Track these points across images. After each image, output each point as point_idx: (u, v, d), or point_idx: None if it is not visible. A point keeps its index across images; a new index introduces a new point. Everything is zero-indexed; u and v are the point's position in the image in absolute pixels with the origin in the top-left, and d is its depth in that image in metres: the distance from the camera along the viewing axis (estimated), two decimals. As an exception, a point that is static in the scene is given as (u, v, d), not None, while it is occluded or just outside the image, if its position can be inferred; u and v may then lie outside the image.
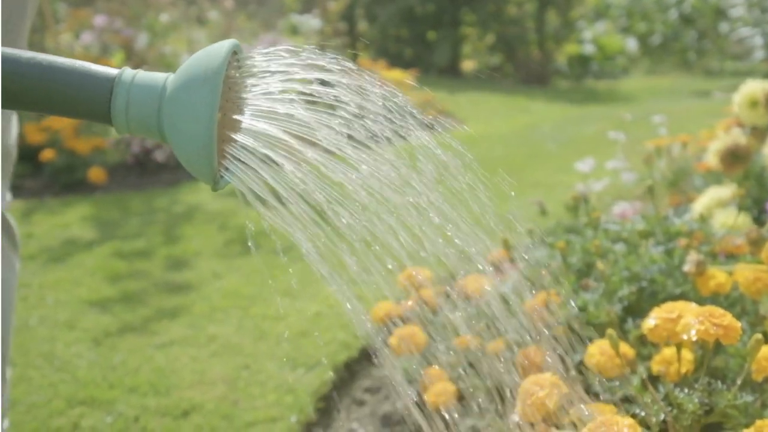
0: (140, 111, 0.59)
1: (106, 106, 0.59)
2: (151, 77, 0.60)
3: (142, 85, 0.59)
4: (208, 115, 0.58)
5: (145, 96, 0.59)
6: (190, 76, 0.58)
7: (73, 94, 0.59)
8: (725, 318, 0.83)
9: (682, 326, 0.86)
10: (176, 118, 0.58)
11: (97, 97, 0.59)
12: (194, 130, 0.58)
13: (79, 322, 2.02)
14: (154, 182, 3.78)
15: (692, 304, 0.90)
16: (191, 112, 0.58)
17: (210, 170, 0.60)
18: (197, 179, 0.62)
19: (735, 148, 1.90)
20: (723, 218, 1.70)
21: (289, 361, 1.80)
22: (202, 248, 2.67)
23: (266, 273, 2.40)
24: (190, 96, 0.58)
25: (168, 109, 0.59)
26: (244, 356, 1.82)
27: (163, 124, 0.59)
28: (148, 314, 2.07)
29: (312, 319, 2.03)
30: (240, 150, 0.62)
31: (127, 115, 0.59)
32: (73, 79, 0.59)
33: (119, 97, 0.59)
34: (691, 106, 5.99)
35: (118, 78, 0.59)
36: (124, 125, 0.60)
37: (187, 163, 0.60)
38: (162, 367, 1.75)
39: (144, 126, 0.60)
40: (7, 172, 1.09)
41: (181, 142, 0.59)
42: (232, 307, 2.12)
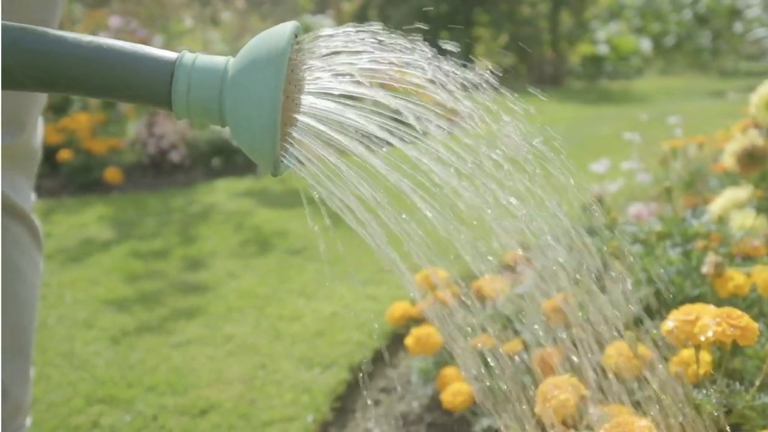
0: (201, 94, 0.59)
1: (167, 90, 0.59)
2: (211, 60, 0.60)
3: (203, 68, 0.59)
4: (272, 96, 0.57)
5: (207, 79, 0.59)
6: (254, 58, 0.58)
7: (134, 77, 0.59)
8: (742, 319, 0.84)
9: (700, 327, 0.86)
10: (239, 101, 0.58)
11: (158, 80, 0.59)
12: (258, 112, 0.57)
13: (97, 321, 2.04)
14: (169, 183, 3.81)
15: (710, 306, 0.90)
16: (255, 94, 0.57)
17: (272, 154, 0.59)
18: (248, 169, 0.61)
19: (752, 149, 1.89)
20: (740, 220, 1.70)
21: (305, 360, 1.81)
22: (218, 248, 2.68)
23: (281, 273, 2.41)
24: (253, 78, 0.57)
25: (230, 92, 0.58)
26: (260, 356, 1.83)
27: (224, 108, 0.59)
28: (165, 314, 2.09)
29: (328, 320, 2.04)
30: (303, 133, 0.61)
31: (188, 99, 0.59)
32: (134, 63, 0.58)
33: (180, 80, 0.58)
34: (706, 106, 5.96)
35: (178, 61, 0.59)
36: (185, 109, 0.59)
37: (249, 147, 0.59)
38: (179, 366, 1.76)
39: (205, 110, 0.59)
40: (32, 173, 1.11)
41: (243, 125, 0.58)
42: (248, 307, 2.13)
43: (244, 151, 0.60)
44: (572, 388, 0.88)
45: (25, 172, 1.08)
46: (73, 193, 3.58)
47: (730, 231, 1.36)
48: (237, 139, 0.60)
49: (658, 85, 8.09)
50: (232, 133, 0.60)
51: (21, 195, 1.05)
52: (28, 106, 0.99)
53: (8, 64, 0.57)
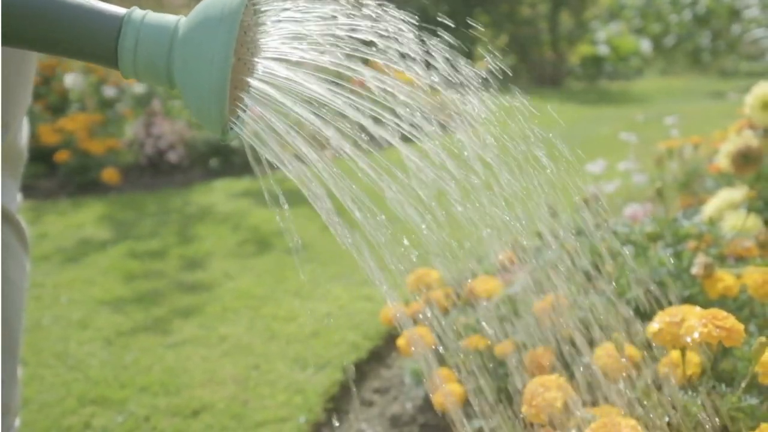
0: (150, 51, 0.56)
1: (113, 46, 0.56)
2: (162, 17, 0.58)
3: (152, 24, 0.57)
4: (222, 55, 0.55)
5: (156, 36, 0.56)
6: (206, 16, 0.56)
7: (79, 30, 0.56)
8: (728, 320, 0.84)
9: (686, 329, 0.86)
10: (188, 59, 0.56)
11: (105, 35, 0.56)
12: (207, 71, 0.55)
13: (92, 321, 2.04)
14: (167, 183, 3.81)
15: (696, 308, 0.90)
16: (205, 52, 0.55)
17: (220, 116, 0.57)
18: (208, 134, 0.58)
19: (746, 150, 1.89)
20: (734, 220, 1.70)
21: (299, 361, 1.81)
22: (215, 249, 2.68)
23: (277, 273, 2.42)
24: (204, 36, 0.55)
25: (180, 51, 0.56)
26: (254, 356, 1.83)
27: (173, 67, 0.56)
28: (161, 314, 2.09)
29: (322, 320, 2.04)
30: (255, 97, 0.59)
31: (134, 56, 0.56)
32: (79, 15, 0.56)
33: (128, 36, 0.56)
34: (706, 107, 5.96)
35: (127, 16, 0.57)
36: (131, 67, 0.57)
37: (197, 108, 0.57)
38: (173, 367, 1.76)
39: (152, 68, 0.57)
40: (18, 174, 1.11)
41: (192, 85, 0.56)
42: (244, 308, 2.13)
43: (192, 113, 0.59)
44: (559, 387, 0.88)
45: (11, 174, 1.08)
46: (70, 194, 3.58)
47: (721, 232, 1.36)
48: (185, 99, 0.58)
49: (657, 85, 8.08)
50: (181, 93, 0.58)
51: (7, 197, 1.06)
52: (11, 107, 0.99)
53: None
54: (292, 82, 0.60)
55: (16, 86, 0.98)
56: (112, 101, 4.24)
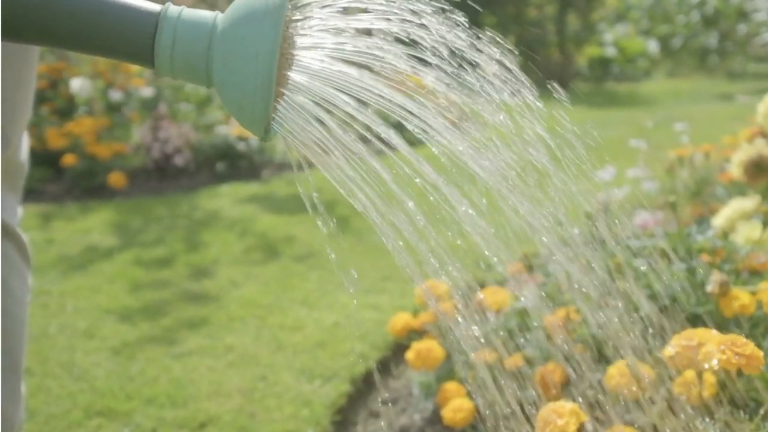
0: (187, 48, 0.54)
1: (150, 43, 0.54)
2: (198, 13, 0.56)
3: (190, 21, 0.55)
4: (269, 51, 0.53)
5: (194, 32, 0.54)
6: (249, 10, 0.54)
7: (114, 28, 0.54)
8: (748, 347, 0.82)
9: (704, 355, 0.84)
10: (231, 56, 0.54)
11: (141, 32, 0.54)
12: (252, 67, 0.53)
13: (98, 330, 2.03)
14: (173, 187, 3.80)
15: (712, 331, 0.88)
16: (250, 47, 0.53)
17: (265, 114, 0.55)
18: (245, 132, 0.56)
19: (759, 160, 1.87)
20: (747, 231, 1.68)
21: (306, 372, 1.79)
22: (222, 255, 2.67)
23: (284, 281, 2.40)
24: (248, 31, 0.53)
25: (220, 47, 0.54)
26: (261, 367, 1.82)
27: (212, 63, 0.55)
28: (167, 323, 2.08)
29: (329, 330, 2.03)
30: (297, 92, 0.57)
31: (172, 53, 0.54)
32: (114, 12, 0.54)
33: (165, 33, 0.54)
34: (714, 109, 5.92)
35: (163, 13, 0.55)
36: (168, 65, 0.55)
37: (239, 107, 0.55)
38: (179, 378, 1.75)
39: (190, 65, 0.55)
40: (18, 188, 1.10)
41: (234, 83, 0.54)
42: (250, 317, 2.12)
43: (231, 111, 0.56)
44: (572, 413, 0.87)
45: (12, 187, 1.06)
46: (77, 198, 3.58)
47: (735, 246, 1.34)
48: (224, 97, 0.56)
49: (665, 87, 8.05)
50: (220, 91, 0.56)
51: (8, 211, 1.04)
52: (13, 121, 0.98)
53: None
54: (338, 77, 0.58)
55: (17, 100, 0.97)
56: (119, 105, 4.24)
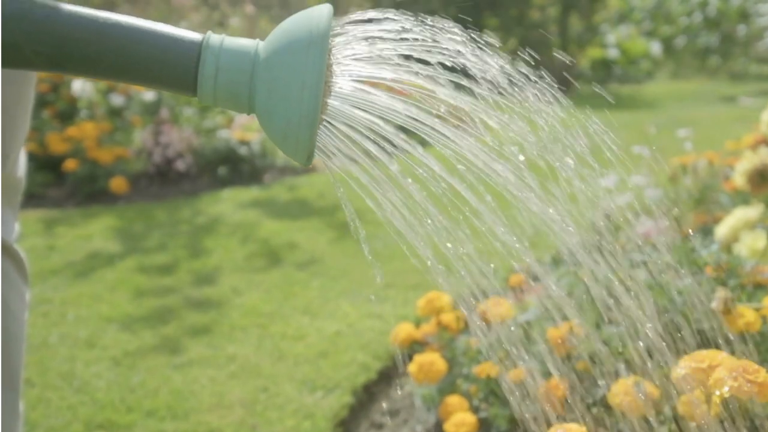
0: (231, 77, 0.55)
1: (193, 73, 0.55)
2: (239, 42, 0.56)
3: (232, 50, 0.55)
4: (315, 79, 0.53)
5: (237, 62, 0.55)
6: (292, 39, 0.54)
7: (157, 58, 0.54)
8: (760, 374, 0.81)
9: (715, 381, 0.83)
10: (276, 85, 0.54)
11: (183, 62, 0.55)
12: (297, 96, 0.53)
13: (100, 340, 2.02)
14: (175, 192, 3.80)
15: (722, 353, 0.87)
16: (296, 77, 0.53)
17: (310, 141, 0.55)
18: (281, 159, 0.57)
19: (763, 169, 1.86)
20: (750, 241, 1.67)
21: (308, 383, 1.78)
22: (224, 262, 2.66)
23: (286, 289, 2.39)
24: (294, 60, 0.53)
25: (265, 75, 0.54)
26: (262, 378, 1.81)
27: (255, 92, 0.55)
28: (168, 332, 2.07)
29: (331, 339, 2.02)
30: (337, 117, 0.58)
31: (215, 83, 0.55)
32: (156, 43, 0.54)
33: (208, 62, 0.54)
34: (718, 112, 5.91)
35: (205, 42, 0.55)
36: (210, 94, 0.55)
37: (282, 134, 0.55)
38: (180, 389, 1.74)
39: (232, 94, 0.55)
40: (16, 204, 1.09)
41: (279, 111, 0.54)
42: (252, 326, 2.11)
43: (273, 139, 0.57)
44: None
45: (9, 204, 1.06)
46: (78, 203, 3.57)
47: (739, 261, 1.32)
48: (268, 126, 0.56)
49: (668, 89, 8.03)
50: (262, 119, 0.56)
51: (6, 227, 1.04)
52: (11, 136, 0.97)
53: (15, 38, 0.52)
54: (375, 102, 0.59)
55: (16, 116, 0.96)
56: (121, 109, 4.23)
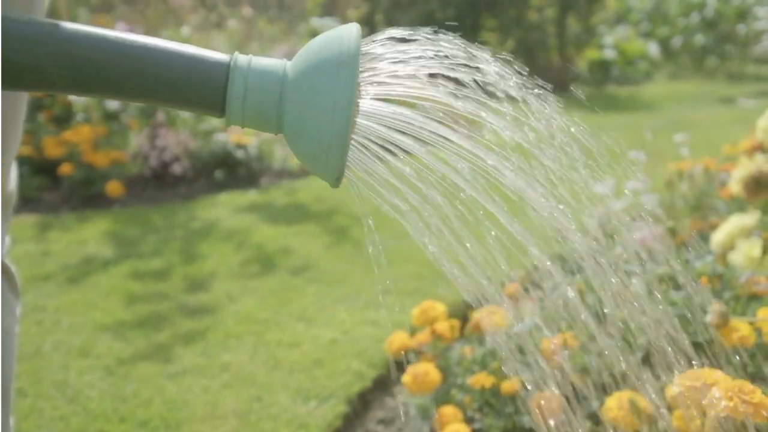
0: (260, 98, 0.55)
1: (221, 94, 0.55)
2: (268, 62, 0.56)
3: (260, 70, 0.55)
4: (347, 100, 0.53)
5: (266, 83, 0.55)
6: (322, 58, 0.54)
7: (184, 80, 0.54)
8: (755, 395, 0.80)
9: (710, 400, 0.82)
10: (306, 105, 0.54)
11: (212, 84, 0.54)
12: (329, 117, 0.53)
13: (93, 348, 2.01)
14: (171, 196, 3.79)
15: (717, 372, 0.87)
16: (327, 98, 0.53)
17: (339, 163, 0.55)
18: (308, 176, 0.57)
19: (759, 176, 1.85)
20: (746, 249, 1.66)
21: (302, 392, 1.78)
22: (219, 268, 2.65)
23: (281, 295, 2.38)
24: (325, 81, 0.53)
25: (295, 96, 0.54)
26: (256, 387, 1.80)
27: (284, 113, 0.55)
28: (162, 340, 2.06)
29: (327, 347, 2.01)
30: (365, 137, 0.58)
31: (243, 104, 0.55)
32: (183, 64, 0.54)
33: (236, 84, 0.54)
34: (716, 113, 5.90)
35: (233, 63, 0.55)
36: (239, 115, 0.55)
37: (312, 155, 0.55)
38: (174, 399, 1.73)
39: (261, 116, 0.55)
40: (7, 218, 1.08)
41: (309, 132, 0.54)
42: (247, 333, 2.10)
43: (303, 160, 0.56)
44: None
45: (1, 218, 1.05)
46: (74, 207, 3.56)
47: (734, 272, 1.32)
48: (297, 146, 0.55)
49: (666, 90, 8.02)
50: (291, 140, 0.56)
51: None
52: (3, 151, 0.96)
53: (38, 61, 0.52)
54: (402, 120, 0.59)
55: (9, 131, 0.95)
56: (117, 112, 4.22)
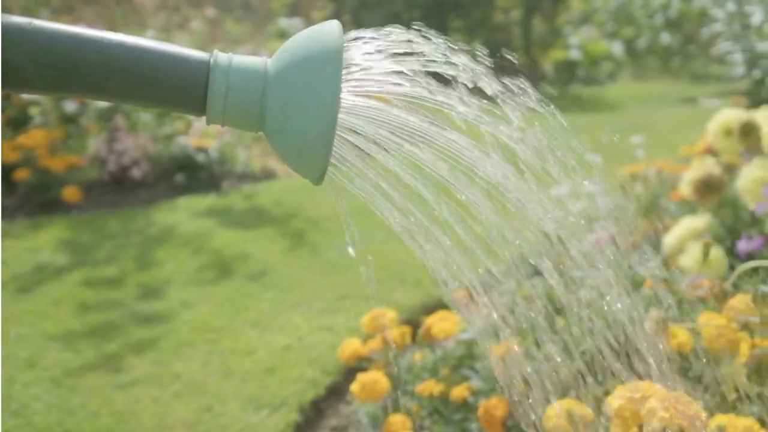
0: (241, 97, 0.54)
1: (202, 93, 0.54)
2: (248, 60, 0.56)
3: (242, 68, 0.55)
4: (332, 97, 0.53)
5: (248, 80, 0.54)
6: (306, 55, 0.54)
7: (164, 79, 0.54)
8: (691, 406, 0.81)
9: (647, 411, 0.83)
10: (291, 103, 0.53)
11: (192, 82, 0.54)
12: (315, 114, 0.53)
13: (41, 359, 1.97)
14: (131, 200, 3.73)
15: (656, 385, 0.87)
16: (312, 94, 0.53)
17: (325, 160, 0.55)
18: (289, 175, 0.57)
19: (708, 179, 1.87)
20: (695, 251, 1.67)
21: (254, 401, 1.75)
22: (174, 275, 2.62)
23: (237, 302, 2.36)
24: (309, 77, 0.53)
25: (278, 93, 0.54)
26: (208, 396, 1.77)
27: (267, 111, 0.54)
28: (113, 350, 2.03)
29: (280, 354, 1.99)
30: (347, 133, 0.58)
31: (225, 103, 0.54)
32: (163, 63, 0.54)
33: (218, 82, 0.54)
34: (678, 114, 5.97)
35: (213, 61, 0.54)
36: (220, 114, 0.55)
37: (297, 152, 0.55)
38: (122, 411, 1.70)
39: (243, 114, 0.55)
40: None
41: (295, 129, 0.54)
42: (200, 341, 2.08)
43: (285, 158, 0.56)
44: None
45: None
46: (29, 214, 3.49)
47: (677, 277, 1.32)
48: (281, 144, 0.55)
49: (631, 91, 8.10)
50: (274, 138, 0.55)
51: None
52: None
53: (18, 60, 0.51)
54: (380, 114, 0.60)
55: None
56: (75, 115, 4.15)
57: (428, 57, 0.66)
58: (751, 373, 1.06)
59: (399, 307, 2.16)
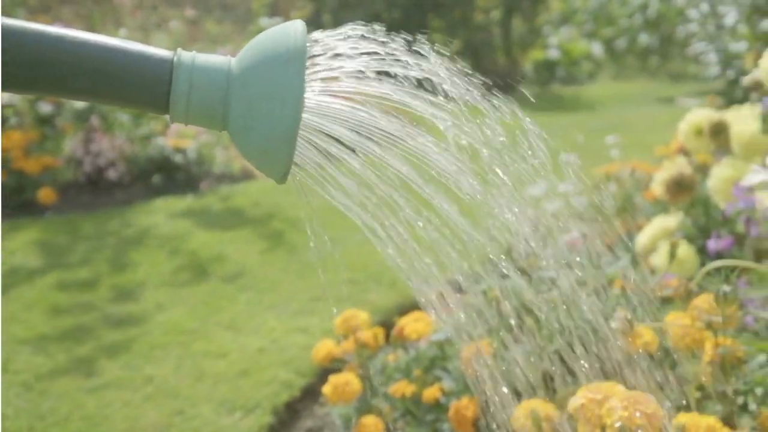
0: (205, 96, 0.54)
1: (165, 91, 0.54)
2: (212, 59, 0.56)
3: (205, 67, 0.55)
4: (296, 96, 0.53)
5: (211, 79, 0.54)
6: (270, 54, 0.54)
7: (127, 78, 0.54)
8: (650, 405, 0.81)
9: (607, 411, 0.83)
10: (255, 101, 0.53)
11: (155, 81, 0.54)
12: (279, 113, 0.53)
13: (11, 363, 1.95)
14: (107, 202, 3.70)
15: (618, 386, 0.87)
16: (276, 93, 0.53)
17: (288, 159, 0.55)
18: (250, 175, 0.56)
19: (680, 178, 1.88)
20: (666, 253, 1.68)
21: (227, 404, 1.74)
22: (149, 277, 2.60)
23: (212, 304, 2.34)
24: (274, 76, 0.53)
25: (242, 92, 0.54)
26: (180, 400, 1.76)
27: (230, 110, 0.54)
28: (84, 353, 2.01)
29: (254, 356, 1.98)
30: (310, 132, 0.58)
31: (188, 101, 0.54)
32: (126, 61, 0.54)
33: (181, 81, 0.54)
34: (655, 114, 6.01)
35: (177, 60, 0.54)
36: (183, 113, 0.55)
37: (261, 151, 0.55)
38: (92, 415, 1.69)
39: (206, 112, 0.55)
40: None
41: (259, 128, 0.54)
42: (173, 344, 2.06)
43: (249, 157, 0.56)
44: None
45: None
46: (4, 216, 3.45)
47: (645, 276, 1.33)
48: (245, 142, 0.55)
49: (610, 91, 8.15)
50: (237, 137, 0.55)
51: None
52: None
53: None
54: (344, 113, 0.60)
55: None
56: (51, 116, 4.11)
57: (395, 57, 0.66)
58: (715, 372, 1.07)
59: (374, 308, 2.15)
